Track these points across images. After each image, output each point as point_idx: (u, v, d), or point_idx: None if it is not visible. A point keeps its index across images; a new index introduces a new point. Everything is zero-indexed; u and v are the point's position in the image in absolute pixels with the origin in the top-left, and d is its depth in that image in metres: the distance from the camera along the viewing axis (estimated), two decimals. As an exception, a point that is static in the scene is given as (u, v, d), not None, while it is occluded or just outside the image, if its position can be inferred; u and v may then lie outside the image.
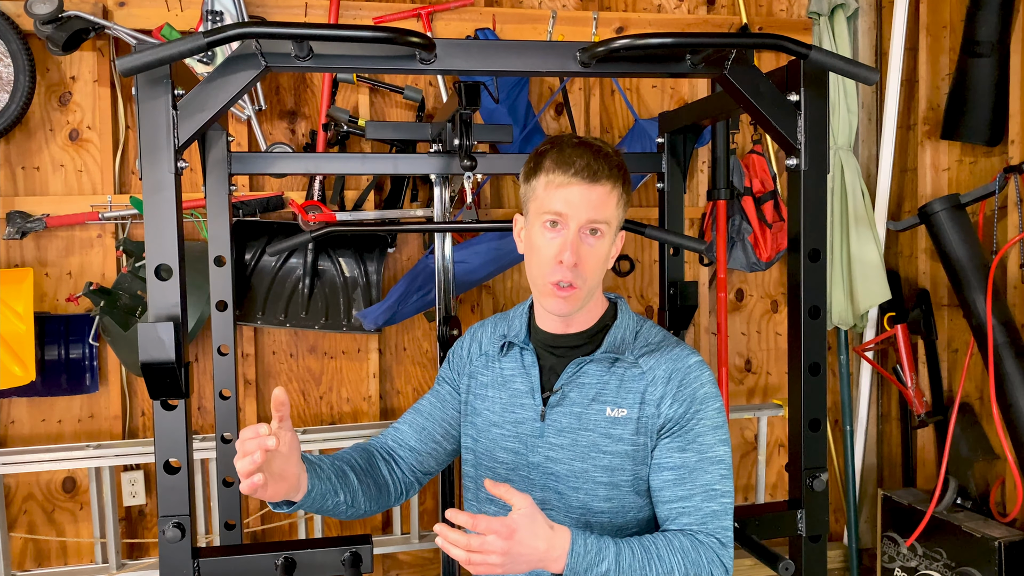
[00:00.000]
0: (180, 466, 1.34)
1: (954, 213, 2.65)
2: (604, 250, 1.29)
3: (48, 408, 2.64)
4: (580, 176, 1.24)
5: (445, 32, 2.77)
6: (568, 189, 1.25)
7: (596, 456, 1.29)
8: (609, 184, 1.26)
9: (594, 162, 1.25)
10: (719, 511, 1.24)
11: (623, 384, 1.30)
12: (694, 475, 1.25)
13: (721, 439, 1.28)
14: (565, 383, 1.33)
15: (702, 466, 1.25)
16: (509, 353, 1.41)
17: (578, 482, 1.30)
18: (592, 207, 1.25)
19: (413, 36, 1.33)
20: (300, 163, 2.09)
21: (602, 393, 1.31)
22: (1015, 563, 2.47)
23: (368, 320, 2.55)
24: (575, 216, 1.25)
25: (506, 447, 1.38)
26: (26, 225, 2.51)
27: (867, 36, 3.18)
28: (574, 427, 1.31)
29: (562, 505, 1.32)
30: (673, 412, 1.27)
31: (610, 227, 1.28)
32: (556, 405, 1.33)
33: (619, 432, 1.29)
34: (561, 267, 1.25)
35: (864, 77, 1.45)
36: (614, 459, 1.29)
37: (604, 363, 1.32)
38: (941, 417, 2.88)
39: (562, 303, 1.28)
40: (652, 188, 3.03)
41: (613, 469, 1.29)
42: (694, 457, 1.26)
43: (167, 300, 1.30)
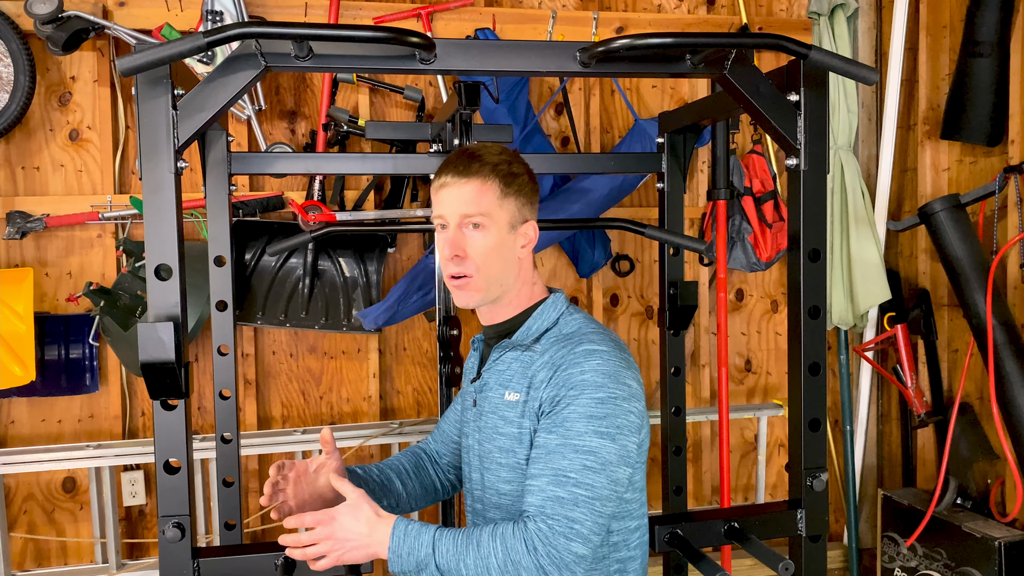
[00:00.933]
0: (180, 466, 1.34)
1: (954, 213, 2.65)
2: (491, 241, 1.33)
3: (48, 408, 2.64)
4: (451, 176, 1.34)
5: (445, 32, 2.77)
6: (444, 191, 1.35)
7: (496, 438, 1.36)
8: (479, 179, 1.33)
9: (463, 162, 1.34)
10: (566, 499, 1.18)
11: (523, 370, 1.35)
12: (550, 457, 1.22)
13: (597, 430, 1.22)
14: (487, 369, 1.42)
15: (561, 451, 1.21)
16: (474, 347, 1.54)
17: (488, 463, 1.38)
18: (463, 202, 1.32)
19: (413, 36, 1.33)
20: (300, 163, 2.09)
21: (508, 379, 1.37)
22: (1015, 563, 2.47)
23: (368, 320, 2.55)
24: (451, 213, 1.34)
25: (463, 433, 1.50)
26: (26, 225, 2.51)
27: (867, 36, 3.18)
28: (486, 410, 1.39)
29: (480, 487, 1.41)
30: (546, 395, 1.28)
31: (491, 219, 1.33)
32: (480, 391, 1.43)
33: (509, 415, 1.34)
34: (449, 262, 1.35)
35: (864, 77, 1.45)
36: (506, 441, 1.34)
37: (516, 350, 1.38)
38: (941, 417, 2.88)
39: (461, 295, 1.36)
40: (652, 188, 3.03)
41: (506, 451, 1.34)
42: (555, 440, 1.23)
43: (167, 300, 1.30)
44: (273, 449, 2.61)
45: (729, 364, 3.18)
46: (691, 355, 3.15)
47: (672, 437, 2.13)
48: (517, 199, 1.36)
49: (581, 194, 2.68)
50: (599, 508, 1.20)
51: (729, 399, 2.91)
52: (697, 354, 3.14)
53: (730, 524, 1.49)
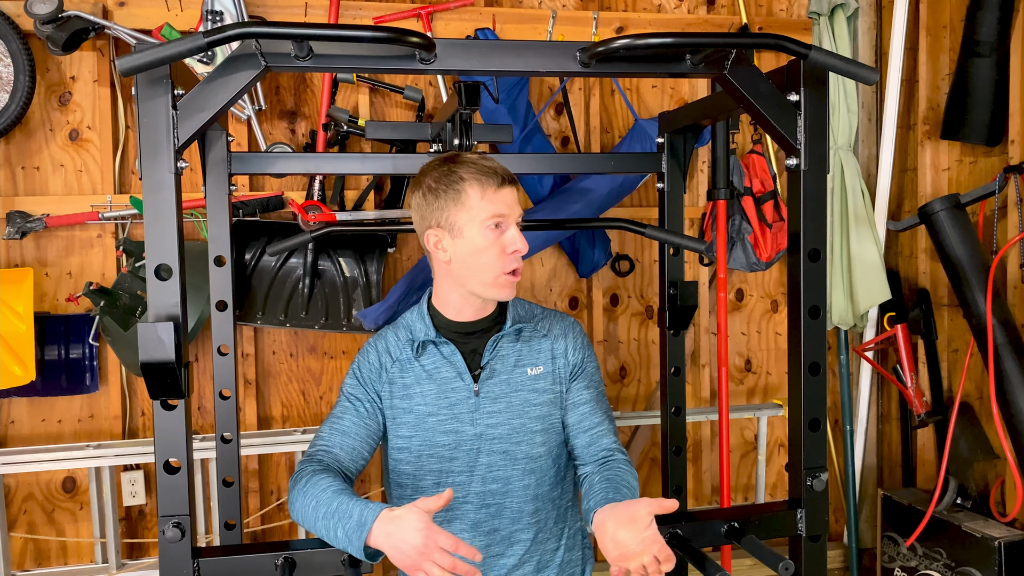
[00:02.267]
0: (180, 466, 1.34)
1: (954, 213, 2.65)
2: None
3: (48, 408, 2.64)
4: (507, 181, 1.52)
5: (445, 32, 2.77)
6: (503, 191, 1.51)
7: (529, 409, 1.58)
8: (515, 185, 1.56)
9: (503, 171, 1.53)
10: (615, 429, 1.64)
11: (532, 347, 1.61)
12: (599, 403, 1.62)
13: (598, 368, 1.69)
14: (490, 359, 1.58)
15: (601, 398, 1.64)
16: (425, 351, 1.60)
17: (519, 436, 1.57)
18: (518, 204, 1.55)
19: (413, 36, 1.33)
20: (300, 163, 2.09)
21: (520, 359, 1.60)
22: (1015, 563, 2.47)
23: (368, 320, 2.55)
24: (512, 214, 1.52)
25: (444, 430, 1.57)
26: (26, 225, 2.51)
27: (867, 36, 3.18)
28: (506, 392, 1.57)
29: (507, 462, 1.57)
30: (575, 358, 1.63)
31: None
32: (487, 379, 1.58)
33: (542, 385, 1.59)
34: (516, 255, 1.52)
35: (864, 77, 1.45)
36: (543, 408, 1.59)
37: (513, 335, 1.61)
38: (941, 417, 2.88)
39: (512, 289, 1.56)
40: (652, 188, 3.03)
41: (544, 417, 1.59)
42: (595, 392, 1.63)
43: (167, 300, 1.30)
44: (273, 449, 2.61)
45: (729, 364, 3.18)
46: (691, 355, 3.15)
47: (672, 437, 2.13)
48: None
49: (581, 194, 2.68)
50: None
51: (729, 399, 2.91)
52: (697, 354, 3.14)
53: (730, 524, 1.49)
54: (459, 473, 1.57)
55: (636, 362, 3.13)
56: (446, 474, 1.57)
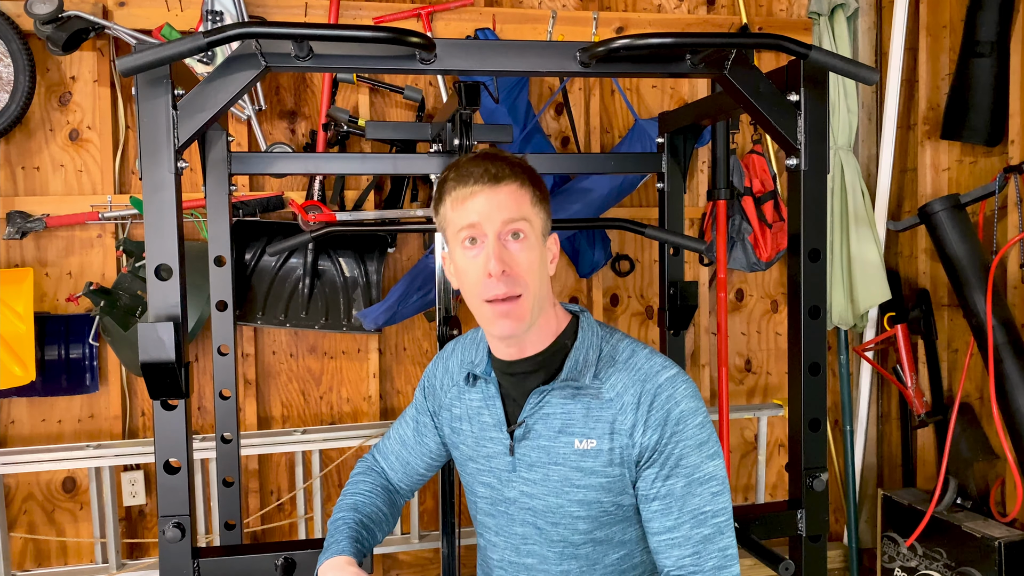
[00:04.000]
0: (180, 466, 1.34)
1: (954, 213, 2.65)
2: (535, 253, 1.19)
3: (48, 408, 2.64)
4: (481, 182, 1.17)
5: (445, 32, 2.77)
6: (474, 199, 1.17)
7: (570, 491, 1.22)
8: (515, 183, 1.19)
9: (492, 166, 1.18)
10: (711, 534, 1.15)
11: (590, 413, 1.21)
12: (681, 502, 1.16)
13: (708, 455, 1.18)
14: (528, 415, 1.25)
15: (690, 489, 1.16)
16: (476, 384, 1.34)
17: (555, 517, 1.24)
18: (503, 208, 1.16)
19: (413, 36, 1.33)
20: (300, 163, 2.09)
21: (568, 424, 1.22)
22: (1015, 563, 2.47)
23: (368, 320, 2.55)
24: (488, 222, 1.16)
25: (482, 482, 1.33)
26: (26, 225, 2.51)
27: (867, 36, 3.18)
28: (544, 462, 1.24)
29: (543, 540, 1.27)
30: (648, 440, 1.18)
31: (532, 226, 1.19)
32: (523, 439, 1.26)
33: (590, 465, 1.21)
34: (491, 280, 1.15)
35: (864, 77, 1.45)
36: (588, 492, 1.21)
37: (567, 390, 1.23)
38: (941, 417, 2.88)
39: (507, 322, 1.17)
40: (652, 188, 3.03)
41: (589, 503, 1.22)
42: (680, 483, 1.16)
43: (167, 300, 1.30)
44: (273, 449, 2.61)
45: (729, 364, 3.18)
46: (691, 355, 3.15)
47: (672, 437, 2.13)
48: (544, 208, 1.24)
49: (581, 194, 2.68)
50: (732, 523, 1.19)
51: (729, 399, 2.91)
52: (697, 354, 3.14)
53: (730, 524, 1.49)
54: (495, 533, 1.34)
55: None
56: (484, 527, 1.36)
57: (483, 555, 1.39)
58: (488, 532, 1.34)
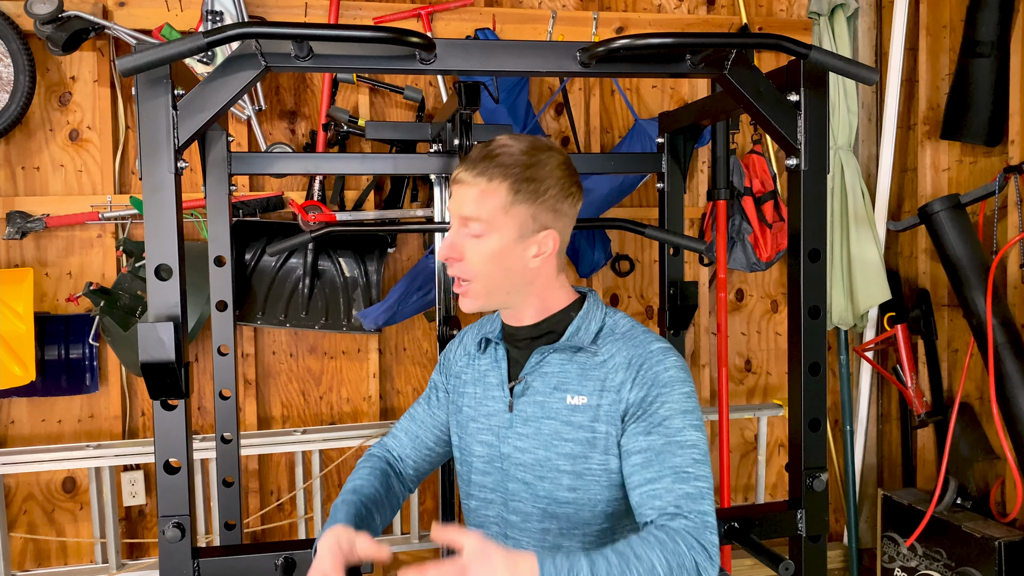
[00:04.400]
0: (180, 466, 1.34)
1: (954, 213, 2.65)
2: (489, 249, 1.26)
3: (48, 408, 2.64)
4: (464, 172, 1.27)
5: (445, 32, 2.77)
6: (455, 187, 1.29)
7: (558, 444, 1.29)
8: (484, 181, 1.24)
9: (479, 159, 1.26)
10: (693, 494, 1.17)
11: (584, 372, 1.29)
12: (662, 457, 1.20)
13: (691, 424, 1.23)
14: (528, 372, 1.33)
15: (670, 449, 1.20)
16: (487, 350, 1.43)
17: (543, 471, 1.30)
18: (463, 204, 1.26)
19: (413, 36, 1.33)
20: (300, 163, 2.09)
21: (564, 381, 1.30)
22: (1015, 563, 2.47)
23: (368, 320, 2.55)
24: (454, 213, 1.28)
25: (481, 440, 1.39)
26: (26, 225, 2.51)
27: (867, 36, 3.18)
28: (538, 416, 1.31)
29: (529, 495, 1.32)
30: (634, 396, 1.24)
31: (491, 226, 1.25)
32: (521, 395, 1.34)
33: (579, 419, 1.28)
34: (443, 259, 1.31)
35: (864, 77, 1.45)
36: (575, 447, 1.28)
37: (567, 352, 1.31)
38: (941, 417, 2.88)
39: (461, 300, 1.32)
40: (652, 188, 3.03)
41: (575, 457, 1.28)
42: (660, 440, 1.21)
43: (167, 300, 1.30)
44: (273, 449, 2.61)
45: (729, 364, 3.18)
46: (691, 355, 3.15)
47: (672, 437, 2.12)
48: (532, 207, 1.26)
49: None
50: (713, 497, 1.21)
51: (729, 399, 2.91)
52: (697, 354, 3.14)
53: (730, 524, 1.50)
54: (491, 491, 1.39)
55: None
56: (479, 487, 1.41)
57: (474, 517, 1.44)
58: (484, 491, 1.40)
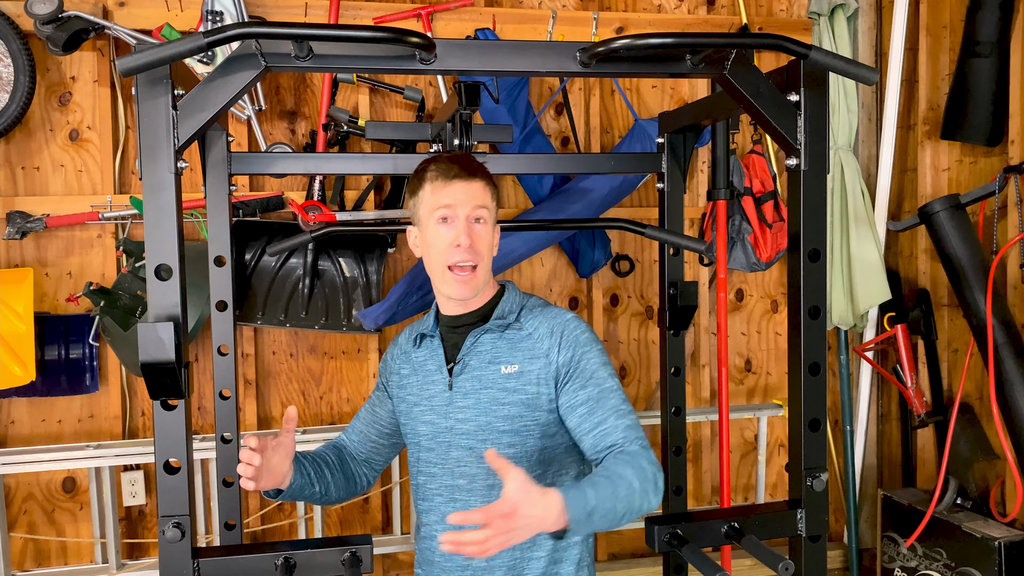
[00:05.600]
0: (180, 466, 1.34)
1: (954, 213, 2.65)
2: (489, 233, 1.55)
3: (48, 408, 2.64)
4: (460, 175, 1.51)
5: (445, 32, 2.77)
6: (456, 183, 1.51)
7: (496, 408, 1.52)
8: (483, 180, 1.54)
9: (467, 164, 1.53)
10: (632, 425, 1.46)
11: (514, 345, 1.55)
12: (600, 403, 1.47)
13: (610, 373, 1.52)
14: (465, 353, 1.57)
15: (605, 395, 1.48)
16: (422, 343, 1.65)
17: (484, 434, 1.53)
18: (475, 197, 1.51)
19: (413, 36, 1.33)
20: (300, 163, 2.09)
21: (497, 356, 1.55)
22: (1015, 563, 2.47)
23: (368, 320, 2.55)
24: (464, 205, 1.50)
25: (424, 420, 1.60)
26: (26, 225, 2.51)
27: (867, 36, 3.18)
28: (476, 388, 1.54)
29: (474, 459, 1.54)
30: (563, 358, 1.51)
31: (490, 214, 1.55)
32: (460, 374, 1.57)
33: (513, 385, 1.52)
34: (459, 249, 1.49)
35: (864, 77, 1.45)
36: (512, 408, 1.52)
37: (496, 331, 1.56)
38: (941, 417, 2.88)
39: (462, 286, 1.52)
40: (652, 188, 3.03)
41: (513, 418, 1.52)
42: (595, 390, 1.48)
43: (167, 300, 1.30)
44: (273, 449, 2.61)
45: (729, 364, 3.18)
46: (691, 355, 3.15)
47: (672, 437, 2.13)
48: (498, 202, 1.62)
49: (581, 194, 2.68)
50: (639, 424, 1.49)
51: (729, 399, 2.91)
52: (697, 354, 3.14)
53: (730, 524, 1.50)
54: (434, 464, 1.60)
55: (636, 362, 3.13)
56: (425, 463, 1.62)
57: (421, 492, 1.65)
58: (430, 466, 1.60)
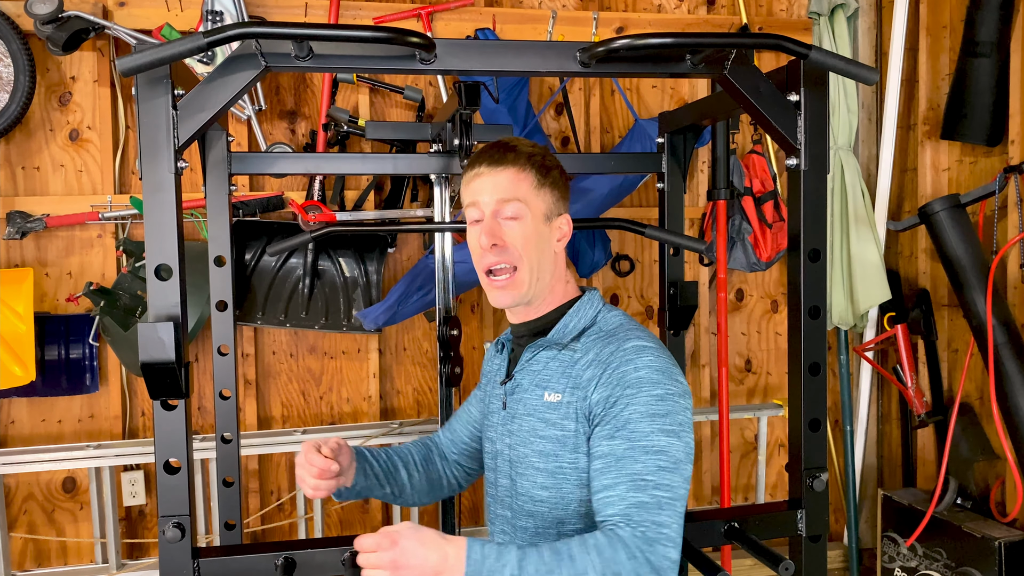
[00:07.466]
0: (180, 466, 1.34)
1: (954, 213, 2.65)
2: (530, 229, 1.29)
3: (48, 408, 2.64)
4: (485, 165, 1.31)
5: (445, 32, 2.77)
6: (478, 180, 1.31)
7: (533, 441, 1.29)
8: (514, 168, 1.30)
9: (497, 152, 1.31)
10: (650, 504, 1.11)
11: (564, 369, 1.28)
12: (621, 463, 1.15)
13: (661, 428, 1.17)
14: (519, 370, 1.36)
15: (632, 455, 1.15)
16: (502, 351, 1.47)
17: (522, 468, 1.31)
18: (499, 189, 1.29)
19: (413, 36, 1.33)
20: (300, 163, 2.09)
21: (545, 379, 1.30)
22: (1015, 563, 2.47)
23: (368, 320, 2.55)
24: (486, 201, 1.30)
25: (488, 437, 1.44)
26: (26, 225, 2.51)
27: (867, 36, 3.18)
28: (521, 413, 1.33)
29: (512, 493, 1.34)
30: (598, 396, 1.21)
31: (527, 207, 1.29)
32: (511, 393, 1.36)
33: (552, 417, 1.27)
34: (485, 252, 1.29)
35: (864, 77, 1.45)
36: (547, 444, 1.27)
37: (553, 349, 1.32)
38: (941, 417, 2.88)
39: (500, 293, 1.30)
40: (652, 188, 3.03)
41: (547, 455, 1.27)
42: (623, 445, 1.16)
43: (167, 300, 1.30)
44: (273, 449, 2.61)
45: (729, 364, 3.18)
46: (691, 355, 3.15)
47: (672, 437, 2.12)
48: (553, 191, 1.33)
49: (581, 194, 2.68)
50: (679, 509, 1.15)
51: (729, 399, 2.91)
52: (697, 354, 3.14)
53: (730, 524, 1.49)
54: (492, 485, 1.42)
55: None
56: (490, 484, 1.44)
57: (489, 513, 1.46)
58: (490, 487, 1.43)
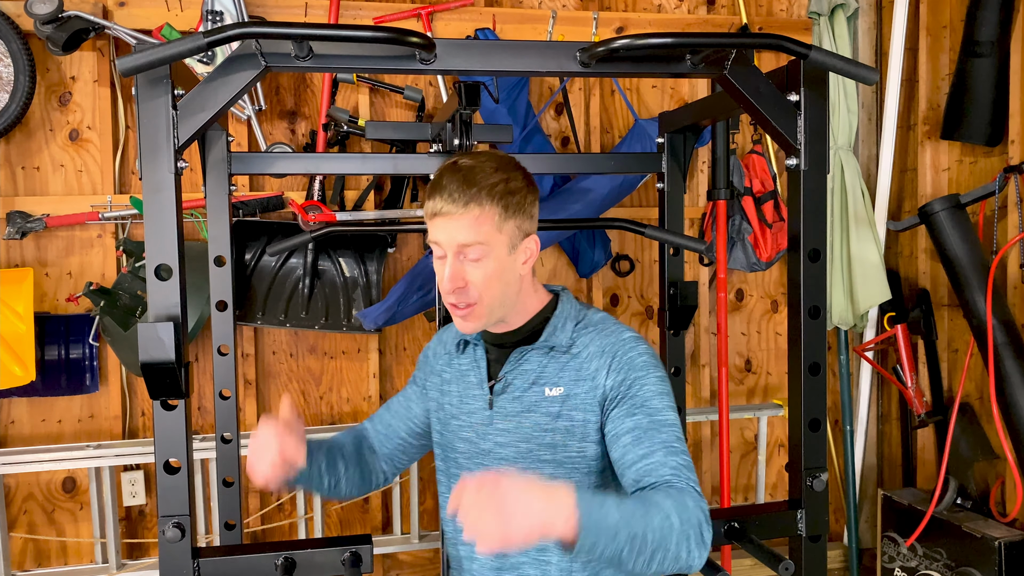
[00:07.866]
0: (180, 466, 1.34)
1: (954, 213, 2.65)
2: (492, 267, 1.29)
3: (48, 408, 2.64)
4: (446, 203, 1.26)
5: (445, 32, 2.77)
6: (438, 220, 1.28)
7: (539, 435, 1.34)
8: (476, 209, 1.25)
9: (457, 189, 1.26)
10: (684, 466, 1.23)
11: (562, 365, 1.35)
12: (649, 434, 1.25)
13: (668, 405, 1.29)
14: (508, 371, 1.38)
15: (655, 427, 1.25)
16: (466, 350, 1.48)
17: (525, 462, 1.35)
18: (460, 233, 1.26)
19: (413, 36, 1.33)
20: (300, 163, 2.09)
21: (541, 376, 1.36)
22: (1015, 563, 2.47)
23: (368, 320, 2.55)
24: (448, 244, 1.28)
25: (462, 437, 1.44)
26: (26, 225, 2.51)
27: (867, 36, 3.18)
28: (517, 411, 1.37)
29: None
30: (612, 381, 1.30)
31: (489, 247, 1.28)
32: (501, 393, 1.39)
33: (557, 409, 1.34)
34: (449, 293, 1.30)
35: (864, 77, 1.45)
36: (555, 436, 1.33)
37: (543, 350, 1.37)
38: (941, 417, 2.88)
39: (463, 322, 1.33)
40: (652, 188, 3.03)
41: (555, 446, 1.34)
42: (645, 419, 1.26)
43: (167, 300, 1.30)
44: (273, 449, 2.60)
45: (729, 364, 3.18)
46: (691, 355, 3.15)
47: (672, 437, 2.12)
48: (517, 218, 1.30)
49: (581, 194, 2.68)
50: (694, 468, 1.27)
51: (729, 399, 2.91)
52: (697, 354, 3.14)
53: (730, 524, 1.50)
54: None
55: (636, 362, 3.13)
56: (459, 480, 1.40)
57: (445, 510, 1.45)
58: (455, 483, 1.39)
